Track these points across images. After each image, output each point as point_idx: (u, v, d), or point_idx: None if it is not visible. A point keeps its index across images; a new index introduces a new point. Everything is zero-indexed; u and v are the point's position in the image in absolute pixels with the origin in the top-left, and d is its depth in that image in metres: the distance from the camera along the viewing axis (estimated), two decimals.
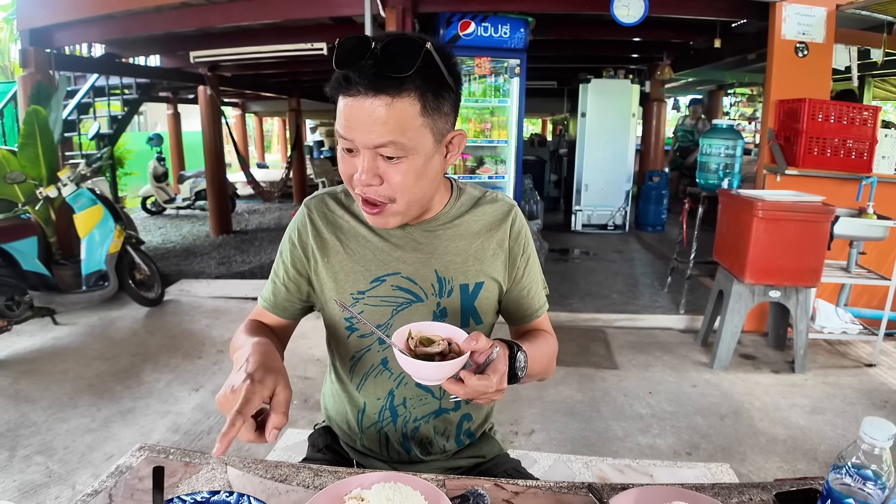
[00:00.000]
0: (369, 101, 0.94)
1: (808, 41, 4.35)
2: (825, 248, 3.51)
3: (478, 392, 0.90)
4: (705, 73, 9.15)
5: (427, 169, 1.03)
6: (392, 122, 0.95)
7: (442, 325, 1.01)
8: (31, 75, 5.06)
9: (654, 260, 6.66)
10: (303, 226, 1.21)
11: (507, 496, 0.99)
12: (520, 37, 5.02)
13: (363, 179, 0.99)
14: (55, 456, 2.83)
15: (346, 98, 0.97)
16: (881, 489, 0.71)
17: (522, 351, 1.03)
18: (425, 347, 0.95)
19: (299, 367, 3.75)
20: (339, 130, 1.00)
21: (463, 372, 0.90)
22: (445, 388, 0.92)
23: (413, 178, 1.01)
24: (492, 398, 0.94)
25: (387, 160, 0.99)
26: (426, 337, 0.97)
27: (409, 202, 1.05)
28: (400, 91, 0.95)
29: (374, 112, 0.95)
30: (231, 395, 0.85)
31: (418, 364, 0.90)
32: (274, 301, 1.23)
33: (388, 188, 1.01)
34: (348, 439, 1.31)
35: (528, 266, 1.26)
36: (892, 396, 3.52)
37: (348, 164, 1.02)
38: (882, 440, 0.70)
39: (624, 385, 3.55)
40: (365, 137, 0.97)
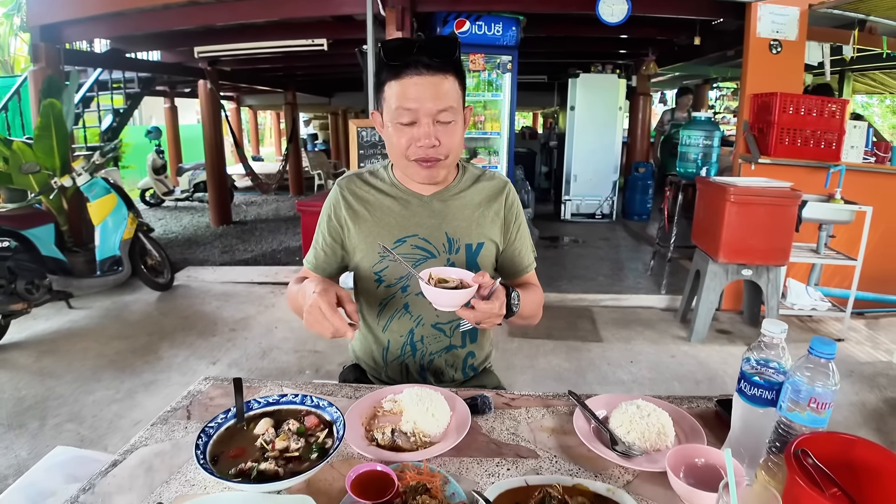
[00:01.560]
0: (431, 78, 1.27)
1: (782, 39, 4.62)
2: (793, 229, 3.80)
3: (485, 314, 1.20)
4: (690, 69, 9.35)
5: (462, 132, 1.38)
6: (449, 92, 1.30)
7: (453, 268, 1.31)
8: (42, 70, 5.26)
9: (638, 246, 6.97)
10: (336, 202, 1.50)
11: (505, 401, 1.28)
12: (511, 34, 5.28)
13: (427, 142, 1.30)
14: (85, 423, 3.07)
15: (410, 78, 1.28)
16: (782, 372, 0.99)
17: (516, 291, 1.34)
18: (442, 285, 1.24)
19: (309, 342, 4.03)
20: (403, 107, 1.29)
21: (473, 299, 1.19)
22: (459, 314, 1.21)
23: (458, 138, 1.36)
24: (494, 322, 1.24)
25: (443, 125, 1.31)
26: (442, 278, 1.25)
27: (454, 158, 1.39)
28: (449, 71, 1.29)
29: (437, 86, 1.28)
30: (311, 310, 1.18)
31: (439, 291, 1.19)
32: (315, 263, 1.53)
33: (444, 148, 1.33)
34: (374, 372, 1.60)
35: (520, 231, 1.57)
36: (858, 367, 3.82)
37: (406, 134, 1.32)
38: (777, 333, 0.99)
39: (608, 355, 3.86)
40: (431, 105, 1.28)
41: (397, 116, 1.31)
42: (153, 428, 1.21)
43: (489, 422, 1.22)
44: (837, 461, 0.88)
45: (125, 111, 7.53)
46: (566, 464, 1.08)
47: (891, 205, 4.46)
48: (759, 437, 1.02)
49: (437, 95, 1.27)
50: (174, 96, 11.60)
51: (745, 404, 1.02)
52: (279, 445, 1.04)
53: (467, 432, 1.13)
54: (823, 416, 0.93)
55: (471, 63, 5.28)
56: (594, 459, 1.09)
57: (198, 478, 1.04)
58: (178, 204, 10.27)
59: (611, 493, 0.95)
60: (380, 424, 1.15)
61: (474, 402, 1.23)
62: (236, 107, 15.05)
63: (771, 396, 0.98)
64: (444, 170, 1.40)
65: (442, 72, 1.28)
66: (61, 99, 4.89)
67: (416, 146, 1.32)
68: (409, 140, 1.32)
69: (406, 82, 1.28)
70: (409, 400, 1.17)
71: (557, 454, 1.11)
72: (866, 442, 0.89)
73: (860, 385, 3.56)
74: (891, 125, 19.30)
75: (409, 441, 1.11)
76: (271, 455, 1.02)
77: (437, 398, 1.18)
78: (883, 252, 4.57)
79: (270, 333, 4.24)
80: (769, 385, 0.98)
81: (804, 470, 0.84)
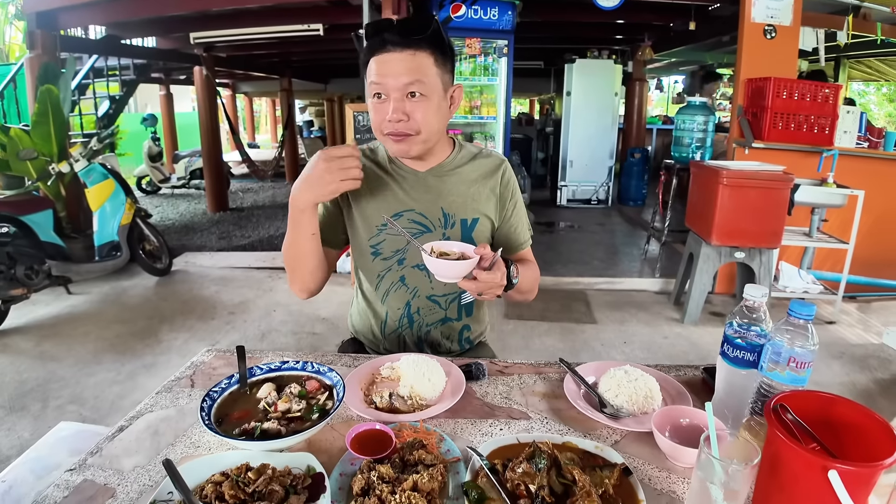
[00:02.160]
0: (399, 54, 1.30)
1: (776, 24, 4.64)
2: (785, 212, 3.85)
3: (486, 284, 1.24)
4: (686, 54, 9.34)
5: (439, 110, 1.38)
6: (420, 68, 1.31)
7: (455, 242, 1.35)
8: (38, 56, 5.25)
9: (633, 231, 7.03)
10: None
11: (499, 368, 1.33)
12: (507, 19, 5.29)
13: (395, 117, 1.32)
14: (86, 404, 3.11)
15: (381, 55, 1.32)
16: (763, 335, 1.03)
17: (514, 264, 1.38)
18: (444, 258, 1.27)
19: (307, 325, 4.07)
20: (373, 82, 1.33)
21: (475, 270, 1.23)
22: (461, 286, 1.25)
23: (431, 114, 1.36)
24: (495, 293, 1.28)
25: (411, 99, 1.33)
26: (443, 251, 1.29)
27: (428, 133, 1.38)
28: (420, 47, 1.31)
29: (406, 62, 1.30)
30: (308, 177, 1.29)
31: (442, 263, 1.23)
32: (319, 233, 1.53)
33: (414, 122, 1.34)
34: (372, 346, 1.64)
35: (516, 208, 1.60)
36: (849, 349, 3.88)
37: (379, 110, 1.36)
38: (758, 297, 1.03)
39: (602, 336, 3.92)
40: (396, 81, 1.31)
41: (370, 92, 1.36)
42: (158, 396, 1.25)
43: (483, 387, 1.27)
44: (817, 418, 0.92)
45: (121, 98, 7.50)
46: (556, 425, 1.13)
47: (883, 190, 4.50)
48: (741, 398, 1.07)
49: (405, 70, 1.30)
50: (169, 83, 11.55)
51: (729, 367, 1.06)
52: (281, 407, 1.08)
53: (462, 396, 1.17)
54: (803, 375, 0.97)
55: (467, 47, 5.29)
56: (583, 421, 1.13)
57: (203, 440, 1.08)
58: (174, 191, 10.27)
59: (599, 450, 0.99)
60: (378, 389, 1.20)
61: (469, 369, 1.28)
62: (232, 94, 15.01)
63: (753, 358, 1.03)
64: (420, 145, 1.40)
65: (413, 48, 1.31)
66: (58, 85, 4.90)
67: (386, 121, 1.35)
68: (381, 115, 1.35)
69: (378, 59, 1.32)
70: (406, 366, 1.22)
71: (548, 416, 1.16)
72: (845, 400, 0.92)
73: (851, 366, 3.62)
74: (887, 113, 19.28)
75: (407, 404, 1.15)
76: (274, 416, 1.06)
77: (433, 364, 1.22)
78: (875, 236, 4.62)
79: (269, 316, 4.29)
80: (751, 347, 1.02)
81: (783, 424, 0.88)
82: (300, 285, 1.49)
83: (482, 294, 1.27)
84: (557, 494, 0.87)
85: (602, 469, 0.93)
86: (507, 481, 0.88)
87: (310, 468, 0.94)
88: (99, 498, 0.93)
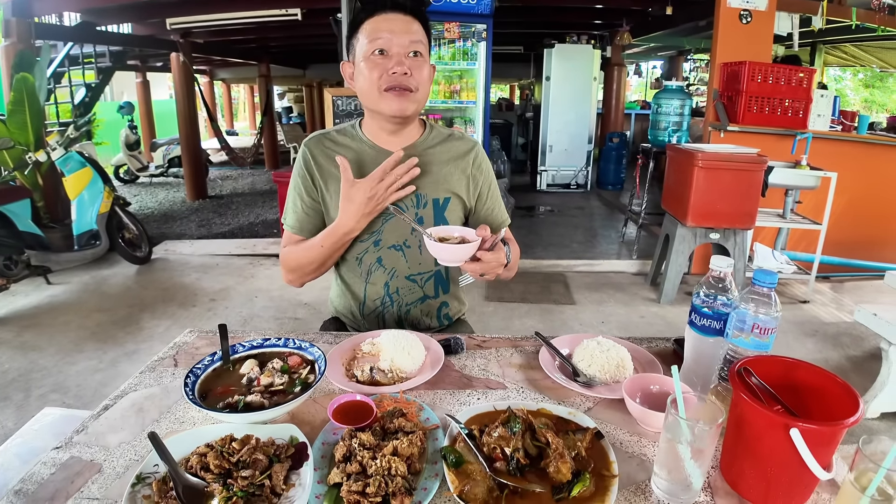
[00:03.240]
0: (404, 17, 1.41)
1: (752, 9, 4.70)
2: (759, 194, 3.93)
3: (491, 264, 1.30)
4: (664, 39, 9.43)
5: (430, 77, 1.48)
6: (419, 31, 1.43)
7: (454, 227, 1.40)
8: (14, 45, 5.16)
9: (612, 215, 7.12)
10: (306, 161, 1.54)
11: (477, 343, 1.36)
12: (486, 3, 5.28)
13: (400, 69, 1.38)
14: (69, 393, 3.10)
15: (384, 15, 1.39)
16: (728, 304, 1.07)
17: (507, 245, 1.42)
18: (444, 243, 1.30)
19: (289, 310, 4.09)
20: (376, 38, 1.38)
21: (479, 252, 1.28)
22: (464, 269, 1.30)
23: (426, 76, 1.46)
24: (496, 271, 1.34)
25: (414, 58, 1.40)
26: (443, 237, 1.32)
27: (423, 94, 1.45)
28: (417, 17, 1.43)
29: (409, 24, 1.41)
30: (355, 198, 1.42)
31: (446, 247, 1.26)
32: (300, 225, 1.56)
33: (414, 79, 1.41)
34: (353, 324, 1.67)
35: (490, 190, 1.64)
36: (822, 327, 3.98)
37: (379, 65, 1.40)
38: (723, 267, 1.07)
39: (580, 316, 3.98)
40: (404, 39, 1.39)
41: (371, 49, 1.39)
42: (141, 375, 1.26)
43: (461, 360, 1.30)
44: (781, 382, 0.96)
45: (97, 86, 7.40)
46: (532, 393, 1.17)
47: (856, 172, 4.60)
48: (709, 365, 1.11)
49: (408, 31, 1.40)
50: (146, 70, 11.41)
51: (696, 335, 1.11)
52: (264, 381, 1.10)
53: (441, 369, 1.21)
54: (767, 341, 1.02)
55: (445, 31, 5.28)
56: (558, 390, 1.17)
57: (187, 415, 1.10)
58: (152, 180, 10.17)
59: (572, 416, 1.03)
60: (359, 364, 1.23)
61: (448, 344, 1.31)
62: (209, 80, 14.85)
63: (719, 326, 1.07)
64: (415, 104, 1.45)
65: (412, 14, 1.42)
66: (33, 74, 4.82)
67: (388, 74, 1.39)
68: (382, 70, 1.39)
69: (379, 18, 1.39)
70: (387, 341, 1.25)
71: (524, 386, 1.20)
72: (808, 364, 0.96)
73: (824, 344, 3.72)
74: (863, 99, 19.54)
75: (387, 377, 1.18)
76: (257, 390, 1.08)
77: (413, 339, 1.25)
78: (849, 218, 4.73)
79: (251, 303, 4.29)
80: (717, 315, 1.07)
81: (748, 387, 0.92)
82: (302, 281, 1.59)
83: (484, 275, 1.32)
84: (532, 457, 0.91)
85: (575, 433, 0.97)
86: (483, 445, 0.92)
87: (293, 438, 0.97)
88: (86, 473, 0.95)
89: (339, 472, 0.87)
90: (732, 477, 0.91)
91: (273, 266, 5.10)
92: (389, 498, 0.83)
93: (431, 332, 1.58)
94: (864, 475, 0.77)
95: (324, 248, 1.48)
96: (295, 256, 1.53)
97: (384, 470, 0.86)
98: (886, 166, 4.84)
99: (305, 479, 0.87)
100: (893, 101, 18.75)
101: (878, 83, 18.82)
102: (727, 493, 0.89)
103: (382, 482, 0.83)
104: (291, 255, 1.54)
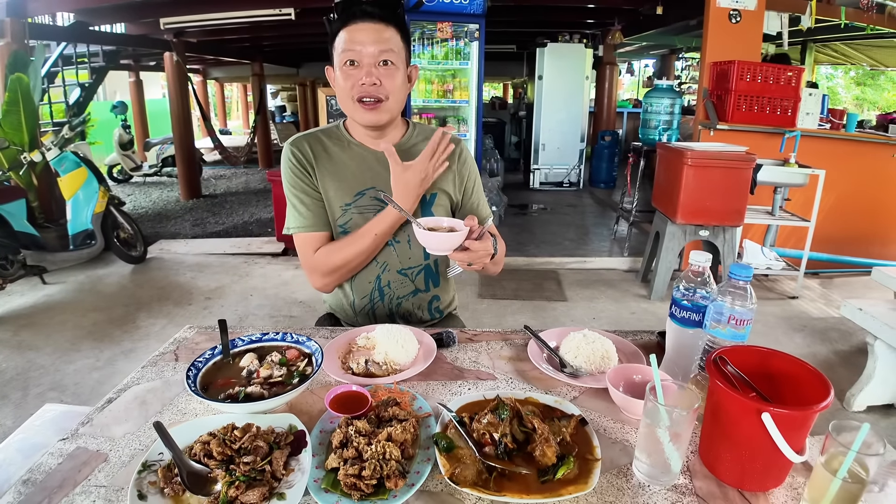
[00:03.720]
0: (372, 25, 1.42)
1: (741, 8, 4.76)
2: (747, 191, 3.99)
3: (478, 253, 1.33)
4: (656, 38, 9.48)
5: (403, 82, 1.49)
6: (390, 40, 1.44)
7: (443, 217, 1.45)
8: (8, 45, 5.18)
9: (604, 212, 7.19)
10: (297, 159, 1.56)
11: (468, 336, 1.41)
12: (478, 3, 5.33)
13: (368, 80, 1.42)
14: (67, 391, 3.13)
15: (357, 24, 1.42)
16: (706, 297, 1.12)
17: (494, 236, 1.47)
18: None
19: (284, 308, 4.13)
20: (347, 49, 1.42)
21: (468, 241, 1.32)
22: (452, 258, 1.34)
23: (398, 83, 1.47)
24: (484, 262, 1.38)
25: (384, 67, 1.43)
26: (431, 227, 1.36)
27: (395, 102, 1.48)
28: (388, 22, 1.44)
29: (378, 32, 1.42)
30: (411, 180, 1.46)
31: (435, 235, 1.29)
32: (313, 222, 1.55)
33: (384, 88, 1.44)
34: (347, 320, 1.72)
35: (475, 186, 1.70)
36: (810, 322, 4.05)
37: (351, 75, 1.44)
38: (702, 262, 1.12)
39: (572, 313, 4.04)
40: (372, 48, 1.41)
41: (343, 60, 1.43)
42: (143, 370, 1.30)
43: (453, 353, 1.35)
44: (757, 371, 1.01)
45: (90, 85, 7.42)
46: (520, 383, 1.22)
47: (844, 169, 4.67)
48: (689, 356, 1.16)
49: (378, 40, 1.41)
50: (139, 70, 11.39)
51: (677, 326, 1.16)
52: (263, 373, 1.15)
53: (433, 361, 1.26)
54: (743, 331, 1.07)
55: (438, 31, 5.33)
56: (545, 380, 1.23)
57: (189, 407, 1.15)
58: (146, 179, 10.17)
59: (558, 404, 1.08)
60: (355, 357, 1.27)
61: (440, 337, 1.36)
62: (202, 80, 14.82)
63: (698, 318, 1.12)
64: (387, 114, 1.49)
65: (383, 21, 1.43)
66: (28, 74, 4.84)
67: (358, 85, 1.43)
68: (353, 81, 1.44)
69: (351, 29, 1.42)
70: (381, 335, 1.30)
71: (513, 376, 1.25)
72: (781, 353, 1.01)
73: (812, 338, 3.78)
74: (855, 97, 19.66)
75: (382, 369, 1.23)
76: (256, 382, 1.13)
77: (406, 333, 1.31)
78: (836, 214, 4.80)
79: (246, 301, 4.33)
80: (696, 308, 1.12)
81: (724, 375, 0.97)
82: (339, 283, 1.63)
83: (472, 264, 1.36)
84: (519, 442, 0.96)
85: (560, 420, 1.02)
86: (473, 432, 0.97)
87: (291, 426, 1.02)
88: (92, 463, 0.99)
89: (336, 458, 0.92)
90: (710, 460, 0.96)
91: (268, 265, 5.14)
92: (384, 480, 0.87)
93: (424, 326, 1.63)
94: (835, 458, 0.82)
95: (377, 237, 1.50)
96: (339, 255, 1.53)
97: (379, 455, 0.90)
98: (874, 163, 4.91)
99: (305, 464, 0.92)
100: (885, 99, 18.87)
101: (869, 81, 18.94)
102: (705, 476, 0.94)
103: (378, 466, 0.88)
104: (333, 254, 1.53)
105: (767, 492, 0.91)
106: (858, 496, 0.82)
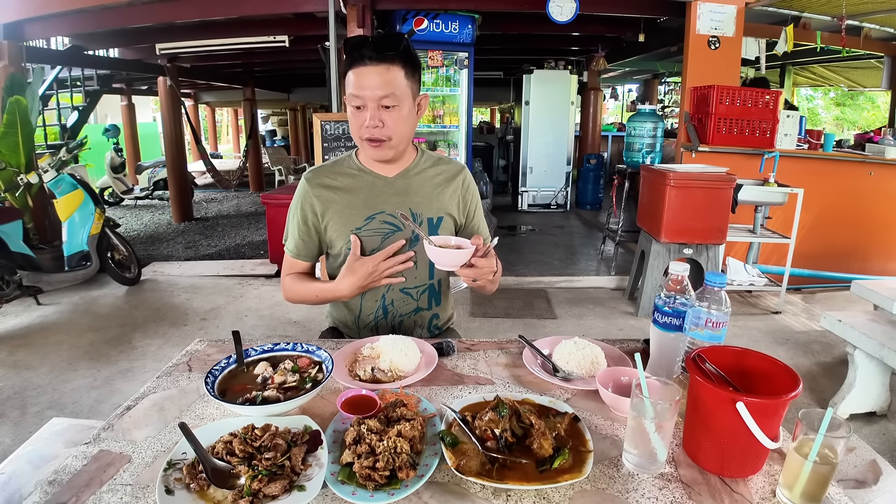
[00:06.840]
0: (375, 68, 1.48)
1: (720, 35, 4.95)
2: (728, 211, 4.12)
3: (483, 270, 1.44)
4: (639, 64, 9.69)
5: (408, 117, 1.58)
6: (393, 81, 1.50)
7: (451, 236, 1.57)
8: (5, 68, 5.27)
9: (590, 233, 7.34)
10: (305, 193, 1.69)
11: (467, 346, 1.51)
12: (468, 32, 5.51)
13: (371, 124, 1.51)
14: (65, 409, 3.15)
15: (358, 68, 1.49)
16: (685, 303, 1.22)
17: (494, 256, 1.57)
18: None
19: (279, 328, 4.19)
20: (353, 94, 1.51)
21: (474, 258, 1.43)
22: (458, 273, 1.44)
23: (401, 122, 1.55)
24: (487, 278, 1.49)
25: (386, 109, 1.51)
26: (441, 244, 1.47)
27: (398, 139, 1.58)
28: (392, 62, 1.49)
29: (381, 75, 1.48)
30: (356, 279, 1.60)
31: (444, 252, 1.41)
32: (297, 251, 1.73)
33: (387, 129, 1.54)
34: (350, 334, 1.80)
35: (477, 210, 1.82)
36: (793, 336, 4.16)
37: (358, 117, 1.54)
38: (680, 272, 1.23)
39: (561, 330, 4.13)
40: (374, 93, 1.49)
41: (350, 102, 1.54)
42: (158, 380, 1.37)
43: (453, 361, 1.45)
44: (733, 368, 1.11)
45: (84, 109, 7.50)
46: (517, 387, 1.31)
47: (822, 188, 4.83)
48: (672, 357, 1.26)
49: (380, 84, 1.48)
50: (131, 94, 11.48)
51: (659, 331, 1.25)
52: (278, 379, 1.23)
53: (435, 368, 1.35)
54: (719, 333, 1.17)
55: (429, 59, 5.48)
56: (540, 384, 1.32)
57: (206, 412, 1.22)
58: (137, 202, 10.21)
59: (553, 404, 1.17)
60: (361, 365, 1.36)
61: (440, 347, 1.46)
62: (194, 104, 14.92)
63: (679, 323, 1.22)
64: (392, 150, 1.60)
65: (386, 62, 1.48)
66: (25, 96, 4.92)
67: (363, 127, 1.54)
68: (360, 122, 1.54)
69: (356, 72, 1.50)
70: (385, 345, 1.38)
71: (510, 381, 1.34)
72: (754, 352, 1.11)
73: (795, 351, 3.89)
74: (835, 117, 20.09)
75: (387, 376, 1.32)
76: (271, 387, 1.21)
77: (409, 342, 1.40)
78: (817, 232, 4.95)
79: (241, 321, 4.38)
80: (676, 313, 1.22)
81: (702, 371, 1.07)
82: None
83: (476, 280, 1.47)
84: (518, 437, 1.04)
85: (555, 417, 1.11)
86: (475, 428, 1.05)
87: (307, 427, 1.10)
88: (117, 464, 1.05)
89: (350, 453, 1.00)
90: (692, 450, 1.05)
91: (262, 286, 5.19)
92: (396, 472, 0.96)
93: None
94: (805, 443, 0.91)
95: (317, 299, 1.71)
96: (293, 292, 1.74)
97: (391, 449, 0.99)
98: (852, 181, 5.08)
99: (322, 459, 1.00)
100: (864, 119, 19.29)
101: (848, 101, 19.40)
102: (688, 465, 1.03)
103: (390, 458, 0.96)
104: (290, 289, 1.74)
105: (746, 478, 1.00)
106: (829, 478, 0.91)
